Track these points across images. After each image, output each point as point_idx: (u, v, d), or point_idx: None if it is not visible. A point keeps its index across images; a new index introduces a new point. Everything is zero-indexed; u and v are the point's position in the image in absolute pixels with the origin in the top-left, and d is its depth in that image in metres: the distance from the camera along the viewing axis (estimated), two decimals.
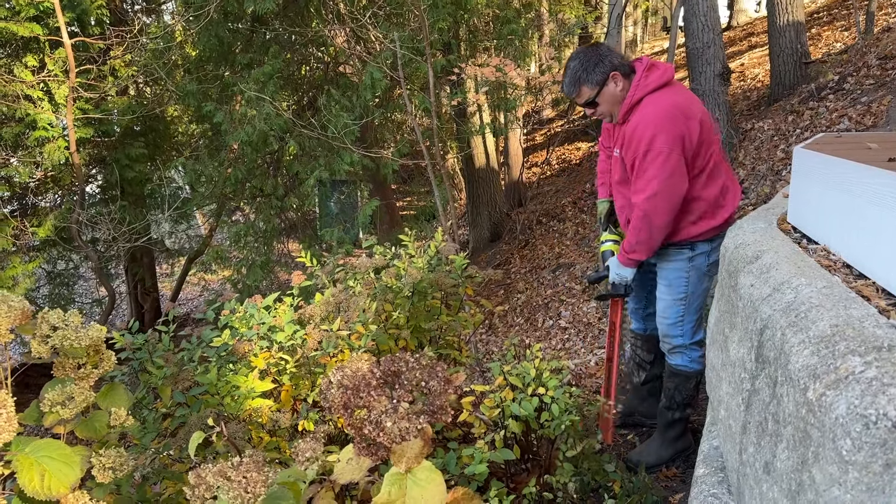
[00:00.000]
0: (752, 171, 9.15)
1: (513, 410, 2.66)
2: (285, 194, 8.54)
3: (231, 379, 2.29)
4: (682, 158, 2.81)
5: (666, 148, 2.77)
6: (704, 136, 2.87)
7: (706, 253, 3.03)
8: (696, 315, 3.16)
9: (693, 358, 3.22)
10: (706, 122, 2.90)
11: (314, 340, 2.37)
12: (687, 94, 2.95)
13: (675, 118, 2.79)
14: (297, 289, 2.66)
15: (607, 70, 2.90)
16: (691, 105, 2.88)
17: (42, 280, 10.36)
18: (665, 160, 2.78)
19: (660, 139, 2.77)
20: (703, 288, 3.12)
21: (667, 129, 2.78)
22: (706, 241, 3.01)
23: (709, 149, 2.90)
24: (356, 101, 7.75)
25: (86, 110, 8.30)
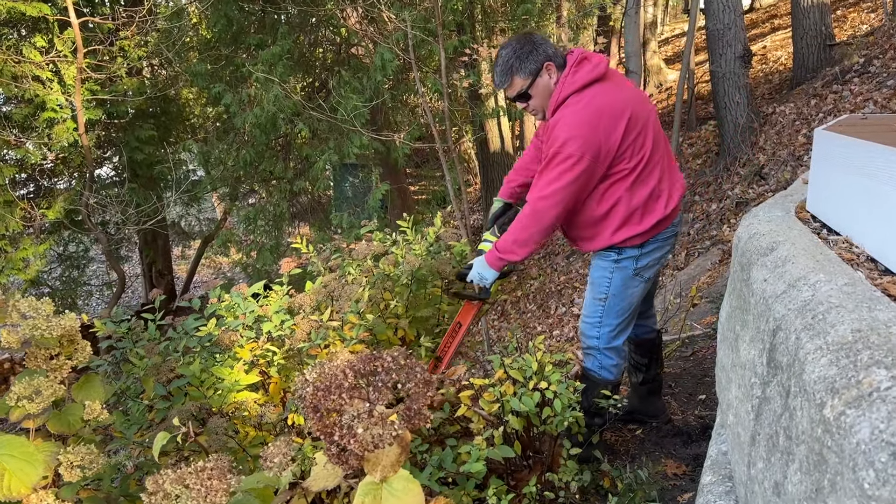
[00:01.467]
0: (772, 156, 8.92)
1: (513, 406, 2.53)
2: (296, 177, 8.43)
3: (215, 371, 2.19)
4: (591, 167, 2.61)
5: (576, 153, 2.57)
6: (631, 139, 2.66)
7: (635, 257, 2.86)
8: (617, 320, 2.95)
9: (604, 365, 3.00)
10: (637, 120, 2.68)
11: (303, 331, 2.25)
12: (616, 91, 2.71)
13: (594, 123, 2.58)
14: (286, 276, 2.55)
15: (541, 59, 2.70)
16: (618, 104, 2.65)
17: (54, 262, 10.37)
18: (572, 166, 2.59)
19: (572, 144, 2.56)
20: (627, 292, 2.92)
21: (582, 135, 2.57)
22: (635, 246, 2.83)
23: (637, 151, 2.70)
24: (367, 83, 7.61)
25: (95, 91, 8.23)
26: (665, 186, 2.83)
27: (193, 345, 2.22)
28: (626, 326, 3.02)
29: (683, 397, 3.78)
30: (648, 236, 2.82)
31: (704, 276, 7.39)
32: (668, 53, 20.86)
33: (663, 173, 2.83)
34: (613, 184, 2.72)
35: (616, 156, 2.65)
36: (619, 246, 2.83)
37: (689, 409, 3.63)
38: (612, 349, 3.01)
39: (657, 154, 2.79)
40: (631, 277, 2.90)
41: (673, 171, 2.94)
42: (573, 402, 2.61)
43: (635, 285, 2.93)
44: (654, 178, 2.78)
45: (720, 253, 7.70)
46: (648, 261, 2.89)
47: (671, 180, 2.89)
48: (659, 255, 2.92)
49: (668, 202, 2.83)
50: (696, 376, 4.03)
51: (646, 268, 2.91)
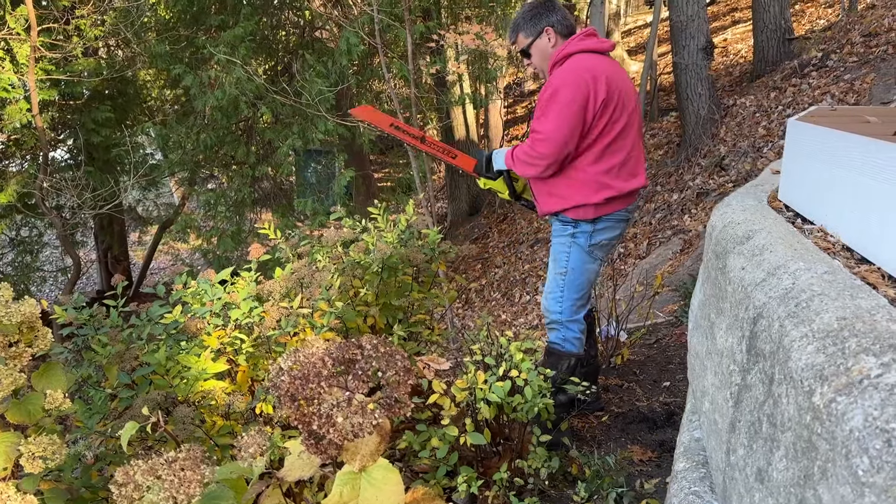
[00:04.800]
0: (733, 147, 9.06)
1: (484, 395, 2.53)
2: (257, 162, 8.29)
3: (181, 359, 2.13)
4: (580, 113, 2.82)
5: (569, 97, 2.80)
6: (610, 109, 2.86)
7: (588, 233, 3.01)
8: (577, 293, 3.11)
9: (567, 337, 3.15)
10: (619, 97, 2.88)
11: (272, 319, 2.21)
12: (614, 67, 2.96)
13: (587, 78, 2.81)
14: (255, 263, 2.49)
15: (543, 24, 3.03)
16: (610, 75, 2.87)
17: (6, 247, 10.03)
18: (564, 107, 2.81)
19: (564, 90, 2.81)
20: (585, 267, 3.08)
21: (575, 83, 2.81)
22: (588, 221, 2.99)
23: (611, 124, 2.88)
24: (332, 66, 7.50)
25: (49, 71, 7.96)
26: (627, 170, 2.97)
27: (159, 332, 2.16)
28: (584, 303, 3.17)
29: (648, 384, 3.82)
30: (601, 212, 2.96)
31: (666, 265, 7.49)
32: (630, 45, 21.03)
33: (628, 158, 2.97)
34: (584, 147, 2.90)
35: (595, 116, 2.84)
36: (574, 217, 2.99)
37: (654, 395, 3.68)
38: (575, 321, 3.15)
39: (627, 138, 2.95)
40: (586, 254, 3.06)
41: (638, 162, 3.06)
42: (544, 389, 2.62)
43: (590, 262, 3.09)
44: (618, 158, 2.93)
45: (681, 242, 7.81)
46: (601, 239, 3.03)
47: (633, 168, 3.02)
48: (610, 235, 3.05)
49: (624, 186, 2.96)
50: (660, 363, 4.08)
51: (598, 246, 3.05)
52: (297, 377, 1.31)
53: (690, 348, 1.92)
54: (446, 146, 3.41)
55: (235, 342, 2.24)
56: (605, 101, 2.82)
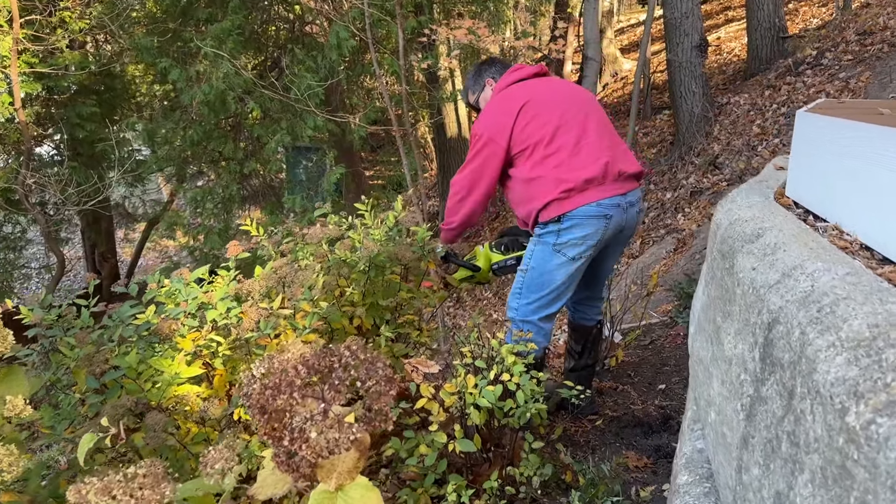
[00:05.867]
0: (727, 145, 8.99)
1: (475, 400, 2.42)
2: (245, 158, 8.15)
3: (153, 362, 2.01)
4: (495, 146, 2.98)
5: (481, 135, 3.00)
6: (526, 121, 2.94)
7: (555, 232, 2.94)
8: (535, 293, 3.02)
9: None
10: (534, 105, 2.97)
11: (251, 320, 2.09)
12: (522, 87, 3.06)
13: (494, 112, 3.02)
14: (233, 261, 2.37)
15: (484, 77, 3.30)
16: (518, 95, 3.00)
17: None
18: (476, 145, 3.03)
19: (478, 129, 3.02)
20: (547, 267, 2.98)
21: (484, 122, 3.02)
22: (554, 220, 2.93)
23: (535, 131, 2.93)
24: (321, 61, 7.37)
25: (32, 64, 7.79)
26: (579, 162, 2.89)
27: (129, 334, 2.04)
28: (548, 304, 3.03)
29: (643, 387, 3.72)
30: (565, 207, 2.87)
31: (659, 265, 7.40)
32: (623, 42, 20.96)
33: (578, 151, 2.91)
34: (522, 164, 2.97)
35: (513, 135, 2.93)
36: (542, 220, 2.95)
37: (650, 398, 3.57)
38: (529, 322, 3.04)
39: (567, 134, 2.93)
40: (551, 252, 2.95)
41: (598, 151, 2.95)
42: (536, 393, 2.51)
43: (557, 262, 2.96)
44: (563, 154, 2.90)
45: (675, 241, 7.72)
46: (570, 238, 2.91)
47: (591, 157, 2.92)
48: (581, 233, 2.91)
49: (580, 174, 2.87)
50: (655, 365, 3.98)
51: (567, 245, 2.92)
52: (269, 387, 1.20)
53: (692, 353, 1.81)
54: None
55: (211, 345, 2.12)
56: (520, 116, 2.93)
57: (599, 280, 3.33)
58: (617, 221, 2.96)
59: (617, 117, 13.87)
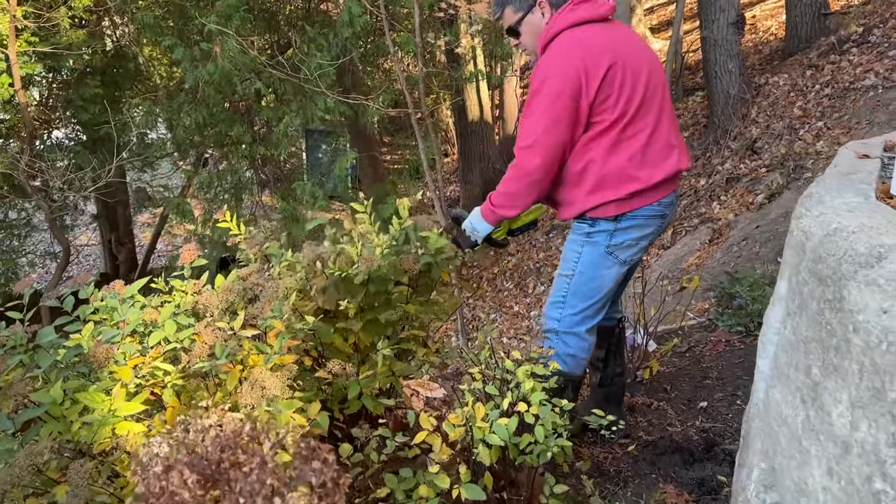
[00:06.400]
0: (766, 129, 8.42)
1: (484, 435, 2.00)
2: (256, 142, 7.76)
3: (82, 397, 1.62)
4: (573, 106, 2.32)
5: (555, 90, 2.30)
6: (615, 87, 2.32)
7: (609, 232, 2.47)
8: (584, 303, 2.56)
9: (558, 352, 2.60)
10: (625, 69, 2.33)
11: (204, 344, 1.69)
12: (607, 33, 2.39)
13: (573, 59, 2.30)
14: (187, 269, 1.97)
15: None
16: (605, 44, 2.34)
17: None
18: (550, 105, 2.32)
19: (550, 81, 2.31)
20: (598, 272, 2.52)
21: (560, 71, 2.31)
22: (609, 219, 2.45)
23: (620, 103, 2.33)
24: (333, 39, 6.94)
25: (33, 43, 7.46)
26: (652, 156, 2.41)
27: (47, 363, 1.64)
28: (596, 313, 2.61)
29: (681, 404, 3.28)
30: (626, 208, 2.42)
31: (693, 257, 6.91)
32: (653, 22, 20.24)
33: (653, 140, 2.41)
34: (591, 139, 2.38)
35: (596, 102, 2.32)
36: (593, 216, 2.46)
37: (689, 419, 3.13)
38: (573, 335, 2.60)
39: (648, 115, 2.40)
40: (603, 255, 2.50)
41: (668, 142, 2.47)
42: (559, 427, 2.09)
43: (607, 266, 2.52)
44: (639, 143, 2.38)
45: (709, 232, 7.21)
46: (625, 239, 2.47)
47: (664, 152, 2.44)
48: (637, 234, 2.49)
49: (652, 173, 2.40)
50: (695, 378, 3.52)
51: (621, 247, 2.49)
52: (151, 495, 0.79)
53: (770, 403, 1.38)
54: None
55: (157, 373, 1.72)
56: (607, 80, 2.29)
57: (627, 279, 2.90)
58: (666, 221, 2.56)
59: None
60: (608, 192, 2.38)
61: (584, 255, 2.52)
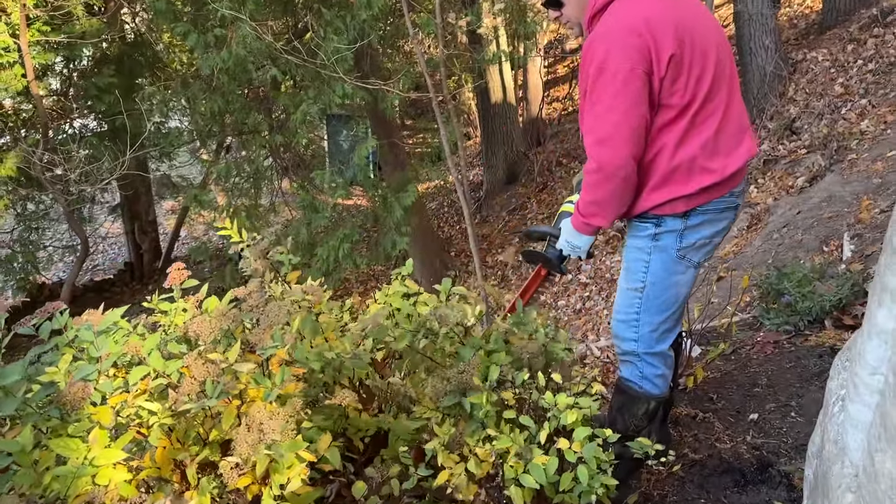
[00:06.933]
0: (805, 107, 8.02)
1: (517, 475, 1.76)
2: (271, 129, 7.54)
3: (54, 444, 1.40)
4: (646, 82, 1.97)
5: (625, 65, 1.94)
6: (685, 66, 1.98)
7: (678, 232, 2.15)
8: (660, 316, 2.26)
9: (647, 374, 2.33)
10: (695, 45, 2.00)
11: (193, 380, 1.46)
12: (671, 3, 2.03)
13: (639, 30, 1.95)
14: (177, 290, 1.73)
15: None
16: (671, 16, 1.99)
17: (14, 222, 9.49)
18: (624, 84, 1.95)
19: (615, 56, 1.95)
20: (671, 280, 2.22)
21: (626, 42, 1.95)
22: (677, 216, 2.13)
23: (692, 85, 2.00)
24: (350, 22, 6.67)
25: (45, 32, 7.29)
26: (724, 142, 2.09)
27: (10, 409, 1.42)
28: (674, 325, 2.33)
29: (729, 416, 3.00)
30: (695, 202, 2.11)
31: (730, 245, 6.58)
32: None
33: (725, 125, 2.09)
34: (659, 127, 2.06)
35: (667, 80, 1.98)
36: (658, 213, 2.14)
37: (739, 432, 2.86)
38: (657, 355, 2.32)
39: (718, 97, 2.07)
40: (675, 261, 2.19)
41: (740, 125, 2.16)
42: (603, 464, 1.84)
43: (681, 271, 2.21)
44: (710, 129, 2.06)
45: (748, 217, 6.87)
46: (697, 239, 2.17)
47: (736, 137, 2.13)
48: (710, 231, 2.19)
49: (725, 163, 2.09)
50: (743, 385, 3.24)
51: (693, 248, 2.18)
52: None
53: (877, 473, 1.11)
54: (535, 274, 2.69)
55: (142, 413, 1.50)
56: (676, 58, 1.96)
57: None
58: (737, 213, 2.26)
59: None
60: (676, 186, 2.08)
61: (652, 263, 2.21)
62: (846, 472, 1.36)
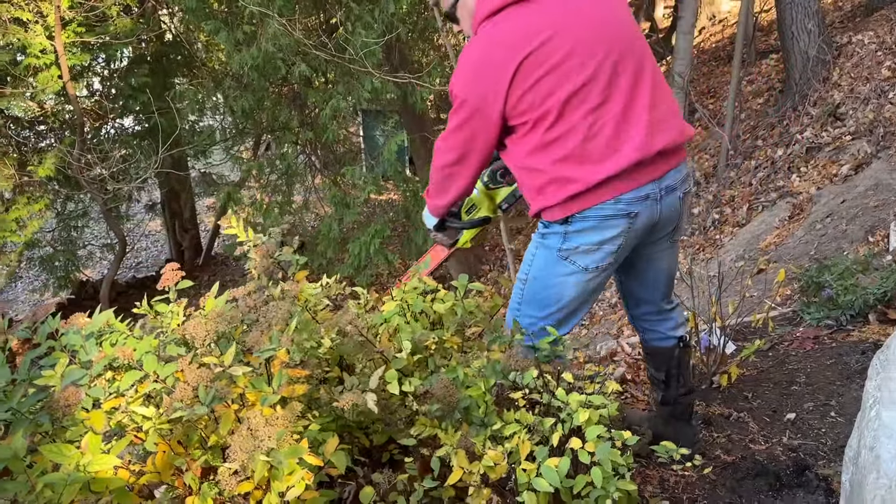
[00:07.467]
0: (850, 92, 7.72)
1: (530, 479, 1.69)
2: (302, 126, 7.54)
3: (46, 450, 1.37)
4: (479, 114, 2.04)
5: (460, 96, 2.06)
6: (535, 78, 1.94)
7: (561, 234, 2.12)
8: (541, 312, 2.21)
9: None
10: (552, 51, 1.94)
11: (187, 386, 1.41)
12: (532, 14, 1.98)
13: (479, 60, 2.02)
14: (173, 291, 1.69)
15: None
16: (522, 30, 1.96)
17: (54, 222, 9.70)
18: (457, 110, 2.09)
19: (456, 84, 2.07)
20: (553, 280, 2.17)
21: (463, 75, 2.06)
22: (558, 221, 2.10)
23: (545, 96, 1.96)
24: (379, 16, 6.63)
25: (80, 33, 7.39)
26: (597, 148, 1.99)
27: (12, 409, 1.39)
28: (558, 324, 2.22)
29: (765, 415, 2.87)
30: (570, 210, 2.05)
31: (771, 235, 6.37)
32: None
33: (599, 130, 1.98)
34: (518, 140, 2.08)
35: (510, 104, 1.99)
36: (544, 217, 2.16)
37: (774, 433, 2.73)
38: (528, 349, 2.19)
39: (588, 101, 1.97)
40: (557, 260, 2.15)
41: (632, 124, 2.01)
42: (619, 467, 1.75)
43: (564, 272, 2.15)
44: (577, 137, 1.98)
45: (789, 207, 6.64)
46: (580, 244, 2.10)
47: (612, 143, 2.00)
48: (597, 238, 2.09)
49: (595, 170, 1.99)
50: (780, 383, 3.11)
51: (577, 252, 2.11)
52: None
53: None
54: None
55: (136, 418, 1.46)
56: (520, 73, 1.93)
57: (658, 288, 2.45)
58: (647, 218, 2.11)
59: (717, 65, 12.55)
60: (548, 196, 2.06)
61: (536, 258, 2.22)
62: (881, 483, 1.26)
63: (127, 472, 1.55)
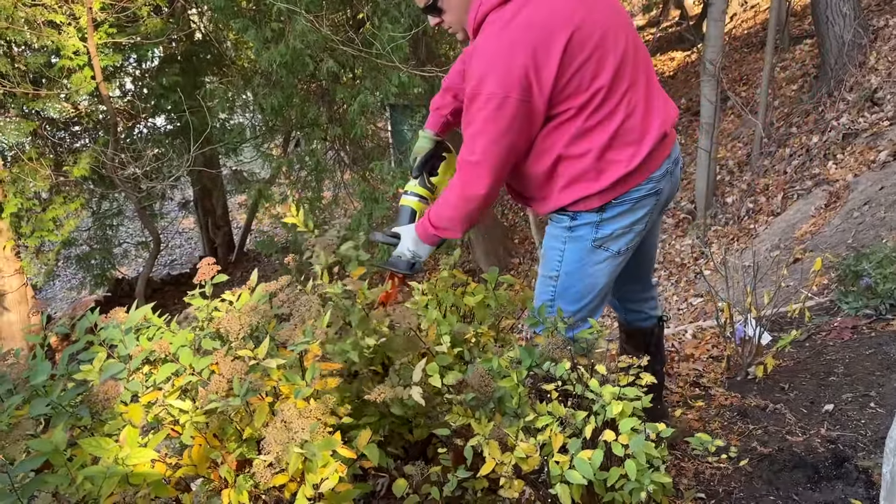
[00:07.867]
0: (888, 77, 7.54)
1: (562, 472, 1.68)
2: (330, 122, 7.57)
3: (85, 444, 1.40)
4: (524, 108, 1.87)
5: (499, 93, 1.85)
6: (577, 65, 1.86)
7: (594, 224, 2.07)
8: (574, 305, 2.17)
9: None
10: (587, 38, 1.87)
11: (222, 378, 1.43)
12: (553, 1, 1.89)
13: (515, 48, 1.84)
14: (209, 286, 1.70)
15: None
16: (554, 17, 1.86)
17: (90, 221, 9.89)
18: (496, 111, 1.86)
19: (490, 81, 1.85)
20: (588, 270, 2.14)
21: (501, 67, 1.84)
22: (593, 210, 2.05)
23: (588, 82, 1.89)
24: (405, 9, 6.63)
25: (112, 34, 7.51)
26: (634, 128, 1.98)
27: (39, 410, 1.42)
28: (592, 312, 2.22)
29: (802, 406, 2.82)
30: (609, 196, 2.03)
31: (807, 224, 6.25)
32: None
33: (633, 111, 1.98)
34: (556, 128, 1.96)
35: (556, 91, 1.88)
36: (572, 209, 2.07)
37: (812, 425, 2.68)
38: None
39: (622, 83, 1.96)
40: (591, 250, 2.12)
41: (648, 106, 2.02)
42: (653, 459, 1.73)
43: (598, 260, 2.13)
44: (618, 119, 1.96)
45: (825, 195, 6.51)
46: (615, 229, 2.08)
47: (645, 120, 2.00)
48: (630, 220, 2.09)
49: (638, 150, 1.99)
50: (817, 374, 3.05)
51: (612, 238, 2.10)
52: None
53: None
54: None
55: (173, 411, 1.48)
56: (564, 60, 1.84)
57: (645, 265, 2.50)
58: (668, 193, 2.15)
59: (750, 51, 12.33)
60: (587, 184, 1.99)
61: (567, 253, 2.14)
62: None
63: (164, 465, 1.58)
